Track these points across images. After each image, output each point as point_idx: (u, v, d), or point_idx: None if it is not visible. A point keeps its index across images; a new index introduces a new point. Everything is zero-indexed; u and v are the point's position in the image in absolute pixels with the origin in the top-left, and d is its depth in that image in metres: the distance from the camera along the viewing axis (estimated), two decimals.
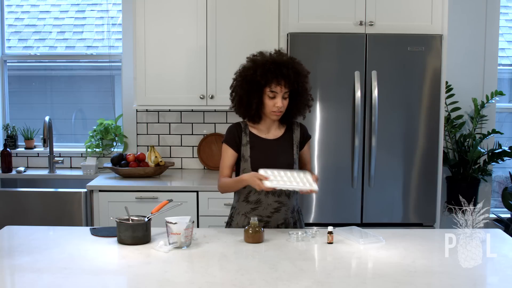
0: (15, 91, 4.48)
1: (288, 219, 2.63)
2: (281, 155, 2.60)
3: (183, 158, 4.24)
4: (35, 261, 2.13)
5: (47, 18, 4.54)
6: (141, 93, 3.82)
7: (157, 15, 3.78)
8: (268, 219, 2.59)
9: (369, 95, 3.43)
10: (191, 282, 1.95)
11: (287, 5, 3.50)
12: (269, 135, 2.62)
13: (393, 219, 3.53)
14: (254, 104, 2.51)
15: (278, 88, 2.48)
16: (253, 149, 2.59)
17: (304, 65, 2.59)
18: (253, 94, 2.50)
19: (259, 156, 2.57)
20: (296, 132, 2.66)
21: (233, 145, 2.60)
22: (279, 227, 2.60)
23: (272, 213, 2.59)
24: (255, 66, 2.51)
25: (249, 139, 2.60)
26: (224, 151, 2.63)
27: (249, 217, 2.58)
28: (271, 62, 2.48)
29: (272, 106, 2.50)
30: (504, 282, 2.03)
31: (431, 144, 3.51)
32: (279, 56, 2.54)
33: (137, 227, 2.33)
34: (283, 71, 2.46)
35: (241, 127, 2.62)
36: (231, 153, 2.61)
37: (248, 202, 2.61)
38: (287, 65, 2.49)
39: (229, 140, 2.61)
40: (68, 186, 3.92)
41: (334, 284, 1.94)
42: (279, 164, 2.52)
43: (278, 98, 2.49)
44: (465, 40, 4.18)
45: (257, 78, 2.47)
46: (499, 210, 4.32)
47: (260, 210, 2.59)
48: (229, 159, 2.61)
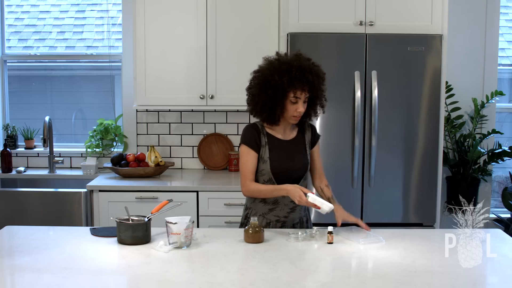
0: (15, 91, 4.48)
1: (302, 218, 2.66)
2: (297, 156, 2.60)
3: (183, 158, 4.24)
4: (35, 261, 2.13)
5: (47, 18, 4.54)
6: (141, 93, 3.82)
7: (157, 15, 3.78)
8: (285, 219, 2.60)
9: (369, 95, 3.43)
10: (191, 282, 1.95)
11: (287, 5, 3.50)
12: (285, 136, 2.61)
13: (393, 219, 3.53)
14: (278, 109, 2.49)
15: (302, 94, 2.47)
16: (271, 150, 2.56)
17: (320, 66, 2.57)
18: (277, 100, 2.47)
19: (278, 157, 2.56)
20: (307, 132, 2.67)
21: (254, 146, 2.56)
22: (295, 227, 2.62)
23: (288, 213, 2.60)
24: (279, 71, 2.45)
25: (267, 140, 2.58)
26: (245, 153, 2.56)
27: (267, 218, 2.60)
28: (297, 68, 2.45)
29: (294, 111, 2.49)
30: (504, 282, 2.03)
31: (431, 144, 3.51)
32: (302, 61, 2.50)
33: (137, 227, 2.33)
34: (308, 78, 2.45)
35: (258, 128, 2.59)
36: (253, 155, 2.56)
37: (265, 203, 2.60)
38: (311, 70, 2.47)
39: (250, 142, 2.56)
40: (68, 186, 3.92)
41: (334, 284, 1.94)
42: (296, 165, 2.56)
43: (300, 103, 2.48)
44: (465, 40, 4.18)
45: (284, 86, 2.44)
46: (499, 210, 4.32)
47: (277, 211, 2.60)
48: (252, 162, 2.55)
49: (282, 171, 2.55)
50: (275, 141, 2.58)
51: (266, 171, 2.55)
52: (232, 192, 3.55)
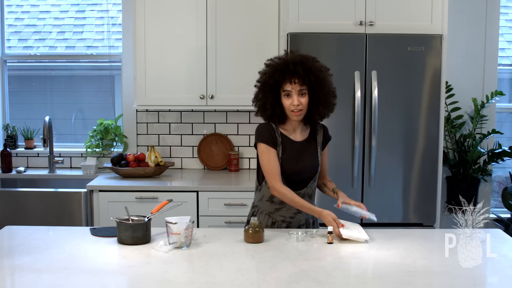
0: (15, 91, 4.47)
1: (309, 219, 2.66)
2: (308, 158, 2.59)
3: (183, 158, 4.24)
4: (35, 261, 2.13)
5: (47, 18, 4.54)
6: (141, 93, 3.82)
7: (157, 15, 3.78)
8: (291, 219, 2.60)
9: (369, 95, 3.43)
10: (191, 282, 1.95)
11: (287, 5, 3.50)
12: (296, 137, 2.59)
13: (393, 219, 3.54)
14: (277, 107, 2.50)
15: (290, 86, 2.46)
16: (284, 151, 2.55)
17: (320, 62, 2.55)
18: (272, 97, 2.50)
19: (289, 158, 2.55)
20: (319, 133, 2.65)
21: (273, 144, 2.53)
22: (301, 227, 2.62)
23: (295, 214, 2.60)
24: (268, 69, 2.52)
25: (281, 140, 2.56)
26: (266, 152, 2.52)
27: (272, 217, 2.60)
28: (280, 62, 2.49)
29: (289, 105, 2.48)
30: (504, 282, 2.03)
31: (431, 144, 3.51)
32: (291, 55, 2.53)
33: (137, 227, 2.33)
34: (290, 67, 2.45)
35: (272, 127, 2.56)
36: (274, 152, 2.52)
37: (272, 202, 2.60)
38: (295, 62, 2.47)
39: (268, 139, 2.52)
40: (68, 186, 3.92)
41: (334, 284, 1.94)
42: (306, 167, 2.55)
43: (294, 96, 2.46)
44: (465, 40, 4.18)
45: (269, 81, 2.48)
46: (499, 210, 4.32)
47: (283, 211, 2.60)
48: (275, 160, 2.51)
49: (293, 172, 2.54)
50: (287, 141, 2.57)
51: None
52: (232, 192, 3.55)
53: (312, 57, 2.54)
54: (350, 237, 2.38)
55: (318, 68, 2.51)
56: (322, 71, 2.52)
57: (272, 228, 2.60)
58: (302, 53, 2.56)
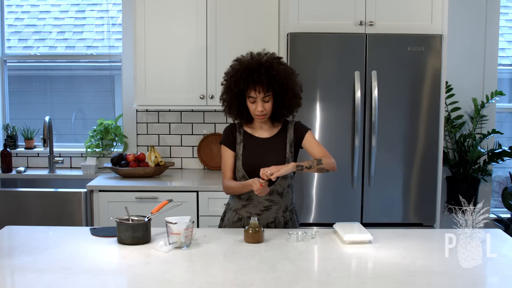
0: (15, 91, 4.48)
1: (279, 218, 2.63)
2: (272, 153, 2.61)
3: (183, 158, 4.24)
4: (35, 261, 2.13)
5: (47, 18, 4.54)
6: (141, 93, 3.83)
7: (157, 15, 3.78)
8: (258, 216, 2.58)
9: (369, 95, 3.43)
10: (191, 282, 1.95)
11: (287, 5, 3.50)
12: (262, 134, 2.65)
13: (393, 219, 3.53)
14: (243, 111, 2.60)
15: (254, 94, 2.51)
16: (245, 147, 2.63)
17: (286, 65, 2.58)
18: (236, 100, 2.57)
19: (250, 154, 2.61)
20: (289, 131, 2.66)
21: (230, 145, 2.65)
22: (269, 226, 2.61)
23: (262, 211, 2.61)
24: (232, 72, 2.57)
25: (243, 138, 2.65)
26: (223, 152, 2.68)
27: (239, 213, 2.64)
28: (244, 68, 2.52)
29: (254, 110, 2.55)
30: (504, 282, 2.03)
31: (431, 144, 3.51)
32: (256, 60, 2.53)
33: (137, 227, 2.33)
34: (254, 77, 2.48)
35: (235, 127, 2.68)
36: (230, 153, 2.65)
37: (240, 199, 2.65)
38: (259, 70, 2.48)
39: (225, 141, 2.67)
40: (68, 186, 3.92)
41: (334, 284, 1.94)
42: (269, 162, 2.51)
43: (258, 102, 2.53)
44: (465, 40, 4.18)
45: (234, 89, 2.53)
46: (499, 210, 4.32)
47: (250, 207, 2.62)
48: (229, 160, 2.65)
49: (254, 168, 2.53)
50: (250, 138, 2.65)
51: (240, 168, 2.61)
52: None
53: (277, 61, 2.55)
54: (354, 241, 2.38)
55: (282, 74, 2.52)
56: (287, 75, 2.54)
57: (238, 223, 2.63)
58: (267, 56, 2.56)
